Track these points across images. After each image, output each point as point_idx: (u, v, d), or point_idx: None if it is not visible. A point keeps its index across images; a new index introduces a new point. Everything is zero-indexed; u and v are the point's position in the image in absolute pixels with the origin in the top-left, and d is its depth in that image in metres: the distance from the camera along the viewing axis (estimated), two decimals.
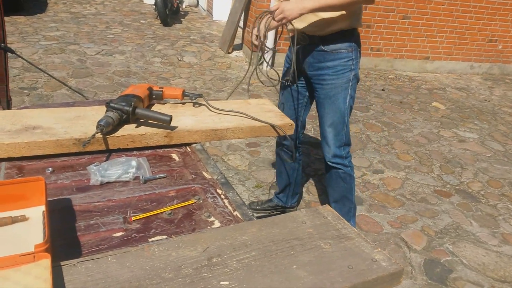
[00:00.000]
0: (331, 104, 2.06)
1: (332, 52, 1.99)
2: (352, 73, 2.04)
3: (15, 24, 6.26)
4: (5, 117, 1.26)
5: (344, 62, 2.01)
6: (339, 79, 2.03)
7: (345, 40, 1.99)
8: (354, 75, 2.05)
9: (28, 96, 3.94)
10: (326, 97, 2.07)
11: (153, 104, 1.50)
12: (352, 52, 2.01)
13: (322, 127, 2.15)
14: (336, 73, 2.02)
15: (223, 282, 0.75)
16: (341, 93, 2.04)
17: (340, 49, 1.99)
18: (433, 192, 3.18)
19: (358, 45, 2.05)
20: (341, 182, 2.23)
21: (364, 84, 5.63)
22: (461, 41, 6.55)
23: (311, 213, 0.98)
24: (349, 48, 2.00)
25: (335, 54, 2.00)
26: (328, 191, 2.34)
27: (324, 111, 2.10)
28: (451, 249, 2.55)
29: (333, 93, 2.05)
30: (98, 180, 1.08)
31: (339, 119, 2.08)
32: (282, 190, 2.62)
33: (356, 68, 2.06)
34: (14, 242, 0.81)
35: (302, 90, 2.23)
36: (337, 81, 2.03)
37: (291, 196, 2.63)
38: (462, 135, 4.35)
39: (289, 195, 2.62)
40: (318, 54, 2.02)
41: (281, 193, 2.64)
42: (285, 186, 2.59)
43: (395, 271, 0.81)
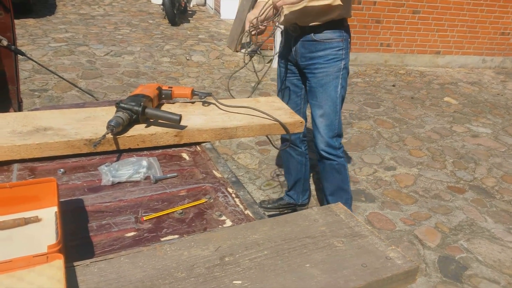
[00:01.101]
0: (322, 92, 2.08)
1: (323, 41, 2.02)
2: (342, 62, 2.07)
3: (25, 26, 6.33)
4: (17, 119, 1.26)
5: (335, 51, 2.04)
6: (330, 68, 2.06)
7: (336, 30, 2.01)
8: (344, 64, 2.07)
9: (39, 98, 3.97)
10: (317, 85, 2.10)
11: (163, 103, 1.50)
12: (342, 42, 2.04)
13: (314, 118, 2.16)
14: (327, 61, 2.05)
15: (236, 281, 0.74)
16: (333, 82, 2.06)
17: (330, 38, 2.02)
18: (446, 188, 3.14)
19: (348, 35, 2.08)
20: (336, 174, 2.24)
21: (374, 80, 5.58)
22: (472, 34, 6.46)
23: (323, 211, 0.97)
24: (339, 37, 2.02)
25: (326, 44, 2.02)
26: (324, 185, 2.34)
27: (316, 100, 2.11)
28: (466, 246, 2.51)
29: (325, 81, 2.07)
30: (109, 181, 1.09)
31: (331, 108, 2.09)
32: (291, 187, 2.61)
33: (346, 58, 2.09)
34: (27, 243, 0.81)
35: (298, 83, 2.25)
36: (328, 69, 2.06)
37: (301, 193, 2.62)
38: (475, 130, 4.29)
39: (299, 191, 2.61)
40: (310, 44, 2.05)
41: (291, 191, 2.63)
42: (295, 183, 2.58)
43: (410, 269, 0.80)
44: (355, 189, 3.01)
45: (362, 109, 4.56)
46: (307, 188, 2.65)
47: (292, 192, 2.63)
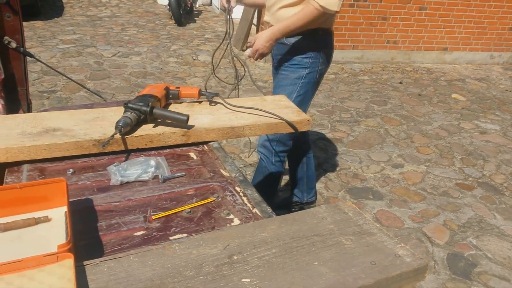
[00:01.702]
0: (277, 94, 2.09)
1: (292, 46, 2.04)
2: (305, 71, 2.05)
3: (33, 29, 6.38)
4: (26, 120, 1.28)
5: (300, 58, 2.04)
6: (291, 73, 2.07)
7: (306, 38, 2.01)
8: (307, 74, 2.06)
9: (48, 99, 4.01)
10: (276, 86, 2.13)
11: (170, 103, 1.50)
12: (312, 52, 2.03)
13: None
14: (290, 66, 2.07)
15: (245, 279, 0.74)
16: (288, 87, 2.08)
17: (298, 44, 2.03)
18: (455, 186, 3.12)
19: (321, 45, 2.05)
20: (260, 175, 2.29)
21: (381, 78, 5.55)
22: (480, 30, 6.40)
23: (331, 209, 0.96)
24: (307, 46, 2.02)
25: (294, 50, 2.04)
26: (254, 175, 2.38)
27: None
28: (475, 243, 2.50)
29: (282, 84, 2.10)
30: (118, 180, 1.09)
31: None
32: (295, 185, 2.61)
33: (312, 68, 2.06)
34: (37, 243, 0.82)
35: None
36: (289, 73, 2.08)
37: (306, 191, 2.61)
38: (483, 127, 4.25)
39: (304, 190, 2.60)
40: (281, 47, 2.09)
41: (296, 188, 2.62)
42: (298, 181, 2.57)
43: (419, 266, 0.80)
44: (362, 187, 3.01)
45: (369, 106, 4.54)
46: (312, 186, 2.64)
47: (297, 190, 2.62)
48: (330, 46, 2.12)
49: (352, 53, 6.07)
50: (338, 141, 3.67)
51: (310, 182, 2.61)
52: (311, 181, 2.61)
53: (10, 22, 1.65)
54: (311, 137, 3.69)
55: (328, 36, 2.08)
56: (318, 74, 2.10)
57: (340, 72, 5.67)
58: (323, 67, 2.12)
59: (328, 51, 2.11)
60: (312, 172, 2.59)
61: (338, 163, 3.31)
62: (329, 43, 2.10)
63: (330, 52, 2.13)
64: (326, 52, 2.09)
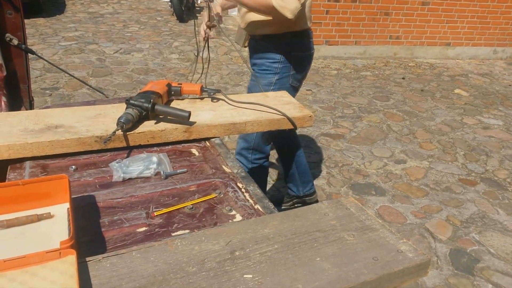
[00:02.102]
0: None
1: (261, 49, 2.01)
2: (275, 77, 1.98)
3: (35, 26, 6.38)
4: (28, 117, 1.28)
5: (269, 63, 1.99)
6: (261, 78, 2.02)
7: (274, 41, 1.96)
8: (278, 79, 1.98)
9: (50, 97, 4.01)
10: (249, 91, 2.10)
11: (172, 100, 1.50)
12: (280, 55, 1.96)
13: None
14: (260, 71, 2.02)
15: (247, 275, 0.74)
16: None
17: (266, 48, 1.98)
18: (457, 181, 3.11)
19: (293, 49, 1.97)
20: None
21: (383, 73, 5.54)
22: (483, 25, 6.36)
23: (334, 204, 0.96)
24: (275, 50, 1.96)
25: (262, 53, 2.01)
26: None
27: None
28: (478, 239, 2.49)
29: (253, 90, 2.04)
30: (120, 177, 1.10)
31: None
32: (289, 181, 2.57)
33: (282, 73, 1.98)
34: (40, 239, 0.82)
35: None
36: (259, 79, 2.03)
37: (301, 185, 2.56)
38: (486, 122, 4.24)
39: (298, 184, 2.55)
40: (253, 50, 2.08)
41: (290, 183, 2.58)
42: (290, 176, 2.54)
43: (422, 262, 0.79)
44: (365, 182, 3.00)
45: (372, 102, 4.52)
46: (307, 180, 2.57)
47: (291, 185, 2.58)
48: (305, 49, 2.02)
49: (354, 48, 6.05)
50: (341, 137, 3.67)
51: (303, 176, 2.55)
52: (304, 175, 2.56)
53: (11, 19, 1.65)
54: (313, 133, 3.68)
55: (301, 38, 1.99)
56: (291, 79, 2.01)
57: (342, 67, 5.65)
58: (297, 72, 2.02)
59: (303, 55, 2.02)
60: (303, 167, 2.53)
61: (340, 159, 3.31)
62: (303, 46, 2.01)
63: (305, 55, 2.03)
64: (300, 56, 2.00)
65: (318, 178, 3.04)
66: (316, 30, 5.77)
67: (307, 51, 2.04)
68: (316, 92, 4.70)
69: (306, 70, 2.10)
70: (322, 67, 5.62)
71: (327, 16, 5.72)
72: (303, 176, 2.57)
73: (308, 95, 4.59)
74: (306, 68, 2.08)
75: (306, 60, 2.05)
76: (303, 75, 2.10)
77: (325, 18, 5.73)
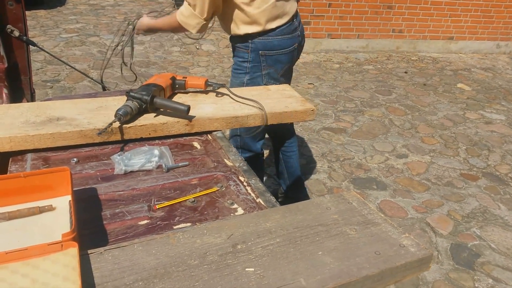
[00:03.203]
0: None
1: (234, 48, 1.99)
2: (246, 76, 1.93)
3: (36, 18, 6.35)
4: (30, 109, 1.27)
5: (240, 62, 1.95)
6: (234, 78, 1.99)
7: (240, 41, 1.91)
8: (249, 79, 1.92)
9: (51, 89, 4.01)
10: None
11: (176, 93, 1.50)
12: (249, 54, 1.89)
13: None
14: (234, 70, 2.00)
15: (248, 268, 0.74)
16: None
17: (237, 47, 1.95)
18: (459, 176, 3.11)
19: (258, 48, 1.88)
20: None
21: (386, 67, 5.51)
22: (486, 19, 6.32)
23: (336, 199, 0.96)
24: (245, 48, 1.90)
25: (235, 52, 1.98)
26: None
27: None
28: (479, 233, 2.49)
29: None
30: (122, 170, 1.09)
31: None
32: (279, 176, 2.53)
33: (253, 73, 1.91)
34: (42, 231, 0.82)
35: None
36: (232, 79, 2.00)
37: (291, 187, 2.49)
38: (488, 117, 4.22)
39: (287, 183, 2.49)
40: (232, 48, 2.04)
41: (280, 179, 2.53)
42: (279, 173, 2.50)
43: (424, 256, 0.79)
44: (366, 177, 3.00)
45: (374, 96, 4.51)
46: (298, 184, 2.48)
47: (281, 181, 2.53)
48: (275, 47, 1.90)
49: (357, 42, 6.02)
50: (342, 131, 3.66)
51: (293, 179, 2.46)
52: (294, 177, 2.46)
53: (12, 11, 1.64)
54: (315, 127, 3.68)
55: (268, 37, 1.88)
56: (266, 78, 1.93)
57: (344, 61, 5.63)
58: (272, 70, 1.93)
59: (273, 53, 1.91)
60: (293, 169, 2.44)
61: (342, 153, 3.30)
62: (272, 45, 1.89)
63: (277, 53, 1.92)
64: (271, 54, 1.90)
65: (319, 172, 3.04)
66: (318, 23, 5.74)
67: (278, 49, 1.91)
68: (318, 86, 4.69)
69: (286, 67, 1.99)
70: (324, 60, 5.60)
71: (329, 9, 5.69)
72: (292, 178, 2.47)
73: (310, 89, 4.58)
74: (284, 66, 1.97)
75: (282, 58, 1.94)
76: (282, 72, 1.99)
77: (328, 11, 5.70)
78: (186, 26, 1.80)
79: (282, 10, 1.87)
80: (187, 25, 1.79)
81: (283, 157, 2.44)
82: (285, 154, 2.44)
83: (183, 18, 1.78)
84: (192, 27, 1.79)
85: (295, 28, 1.96)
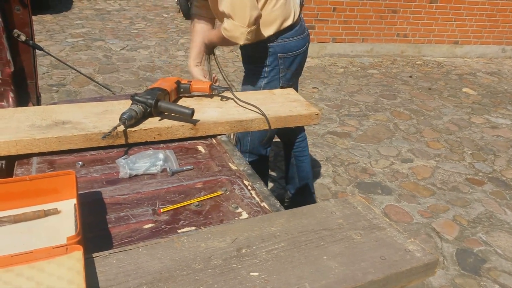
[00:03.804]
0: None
1: (248, 55, 1.98)
2: (264, 81, 1.92)
3: (43, 22, 6.41)
4: (36, 113, 1.28)
5: (256, 68, 1.93)
6: (249, 83, 1.97)
7: (259, 46, 1.87)
8: (267, 83, 1.92)
9: (57, 93, 4.03)
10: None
11: (181, 97, 1.50)
12: (267, 58, 1.89)
13: None
14: (250, 76, 1.98)
15: (253, 272, 0.74)
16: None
17: (254, 53, 1.92)
18: (465, 181, 3.09)
19: (277, 51, 1.88)
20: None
21: (390, 71, 5.50)
22: (491, 23, 6.30)
23: (341, 203, 0.96)
24: (263, 53, 1.88)
25: (250, 58, 1.97)
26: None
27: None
28: (485, 239, 2.47)
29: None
30: (127, 173, 1.10)
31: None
32: (288, 181, 2.52)
33: (271, 77, 1.92)
34: (47, 234, 0.82)
35: None
36: (248, 84, 1.98)
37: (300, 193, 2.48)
38: (494, 121, 4.20)
39: (296, 188, 2.48)
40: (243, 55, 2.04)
41: (289, 185, 2.52)
42: (289, 179, 2.49)
43: (430, 261, 0.79)
44: (371, 181, 2.99)
45: (378, 100, 4.50)
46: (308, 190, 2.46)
47: (290, 186, 2.52)
48: (294, 49, 1.92)
49: (361, 46, 6.02)
50: (347, 135, 3.65)
51: (304, 183, 2.45)
52: (305, 182, 2.45)
53: (19, 15, 1.65)
54: (319, 131, 3.67)
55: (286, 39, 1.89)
56: (282, 81, 1.95)
57: (349, 65, 5.62)
58: (288, 72, 1.95)
59: (292, 54, 1.93)
60: (305, 173, 2.43)
61: (346, 157, 3.29)
62: (290, 46, 1.91)
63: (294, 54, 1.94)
64: (289, 56, 1.92)
65: (323, 176, 3.03)
66: (323, 28, 5.74)
67: (295, 50, 1.94)
68: (322, 90, 4.68)
69: (299, 68, 2.02)
70: (328, 65, 5.60)
71: (334, 13, 5.69)
72: (303, 183, 2.46)
73: (314, 93, 4.58)
74: (298, 67, 2.00)
75: (297, 59, 1.97)
76: (296, 74, 2.03)
77: (332, 15, 5.70)
78: (233, 39, 1.72)
79: (291, 6, 1.89)
80: (233, 37, 1.71)
81: (296, 162, 2.43)
82: (298, 158, 2.43)
83: (227, 32, 1.71)
84: (238, 38, 1.70)
85: (304, 27, 1.99)
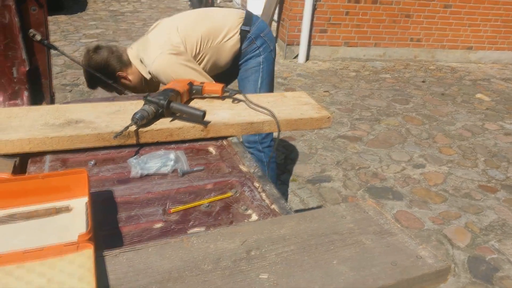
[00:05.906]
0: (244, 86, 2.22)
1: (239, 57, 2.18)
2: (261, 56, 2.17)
3: (57, 23, 6.49)
4: (49, 112, 1.30)
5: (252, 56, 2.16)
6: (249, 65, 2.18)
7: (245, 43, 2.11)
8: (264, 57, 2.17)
9: (70, 93, 4.07)
10: (240, 79, 2.23)
11: (193, 99, 1.50)
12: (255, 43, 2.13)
13: None
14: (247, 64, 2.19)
15: (262, 275, 0.74)
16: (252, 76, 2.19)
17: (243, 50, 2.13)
18: (477, 187, 3.05)
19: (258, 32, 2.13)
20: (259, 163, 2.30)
21: (403, 76, 5.46)
22: (507, 29, 6.23)
23: (351, 207, 0.95)
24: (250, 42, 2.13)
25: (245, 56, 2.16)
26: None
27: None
28: (497, 247, 2.43)
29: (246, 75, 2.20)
30: (138, 173, 1.10)
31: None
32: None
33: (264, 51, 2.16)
34: (58, 232, 0.83)
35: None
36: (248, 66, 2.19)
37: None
38: (508, 128, 4.14)
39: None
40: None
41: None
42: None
43: (442, 268, 0.78)
44: (382, 186, 2.97)
45: (390, 105, 4.47)
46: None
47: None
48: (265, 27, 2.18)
49: (374, 50, 5.99)
50: (358, 140, 3.63)
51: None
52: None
53: (35, 15, 1.67)
54: (330, 135, 3.66)
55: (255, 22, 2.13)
56: (273, 53, 2.21)
57: (361, 69, 5.60)
58: (273, 45, 2.21)
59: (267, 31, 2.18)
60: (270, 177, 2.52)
61: (357, 161, 3.27)
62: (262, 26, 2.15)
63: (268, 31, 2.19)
64: (267, 32, 2.17)
65: (334, 180, 3.01)
66: (335, 31, 5.73)
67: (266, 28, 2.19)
68: (334, 93, 4.67)
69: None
70: (340, 68, 5.58)
71: (346, 17, 5.68)
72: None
73: (325, 96, 4.56)
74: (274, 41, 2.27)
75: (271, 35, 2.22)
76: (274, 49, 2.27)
77: (345, 19, 5.69)
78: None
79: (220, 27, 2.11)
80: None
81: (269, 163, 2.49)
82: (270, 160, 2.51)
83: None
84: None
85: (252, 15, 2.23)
